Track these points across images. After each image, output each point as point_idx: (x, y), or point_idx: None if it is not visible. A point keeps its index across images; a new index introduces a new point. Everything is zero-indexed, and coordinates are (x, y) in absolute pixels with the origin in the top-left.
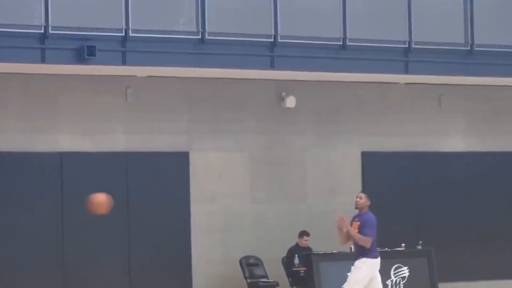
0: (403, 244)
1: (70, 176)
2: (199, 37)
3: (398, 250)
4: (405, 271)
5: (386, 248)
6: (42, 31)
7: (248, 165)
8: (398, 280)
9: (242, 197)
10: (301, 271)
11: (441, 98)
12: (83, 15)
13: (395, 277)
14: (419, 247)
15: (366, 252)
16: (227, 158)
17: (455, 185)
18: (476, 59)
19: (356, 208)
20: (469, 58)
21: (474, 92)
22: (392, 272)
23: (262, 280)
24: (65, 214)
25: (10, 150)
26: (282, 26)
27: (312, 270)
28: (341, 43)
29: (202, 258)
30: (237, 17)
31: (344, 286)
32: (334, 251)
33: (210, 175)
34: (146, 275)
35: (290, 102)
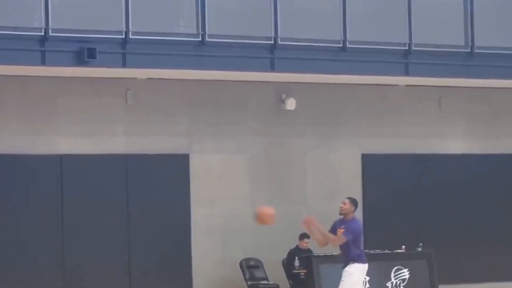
0: (403, 246)
1: (70, 178)
2: (199, 39)
3: (398, 252)
4: (405, 273)
5: (386, 250)
6: (42, 33)
7: (248, 167)
8: (399, 282)
9: (242, 199)
10: (301, 273)
11: (441, 100)
12: (83, 17)
13: (395, 279)
14: (419, 249)
15: (355, 257)
16: (227, 160)
17: (455, 187)
18: (476, 61)
19: (340, 214)
20: (469, 60)
21: (474, 94)
22: (392, 274)
23: (262, 282)
24: (65, 217)
25: (10, 152)
26: (282, 28)
27: (312, 272)
28: (341, 45)
29: (202, 261)
30: (237, 19)
31: None
32: (334, 253)
33: (210, 177)
34: (147, 278)
35: (290, 104)
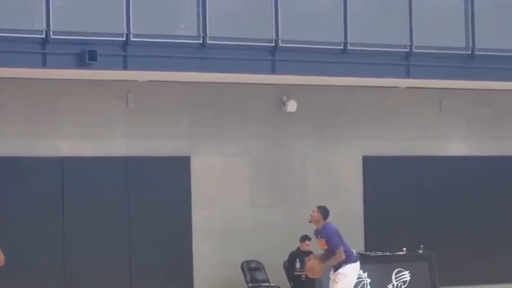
0: (404, 248)
1: (70, 180)
2: (200, 41)
3: (399, 254)
4: (406, 275)
5: (387, 252)
6: (43, 36)
7: (249, 169)
8: (400, 284)
9: (243, 201)
10: (302, 276)
11: (442, 102)
12: (84, 20)
13: (397, 281)
14: (420, 251)
15: (346, 258)
16: (228, 162)
17: (456, 189)
18: (477, 63)
19: (310, 222)
20: (470, 62)
21: (475, 96)
22: (393, 276)
23: (263, 284)
24: (66, 219)
25: (11, 154)
26: (283, 30)
27: None
28: (342, 47)
29: (203, 263)
30: (238, 21)
31: None
32: None
33: (211, 179)
34: (148, 280)
35: (291, 106)
